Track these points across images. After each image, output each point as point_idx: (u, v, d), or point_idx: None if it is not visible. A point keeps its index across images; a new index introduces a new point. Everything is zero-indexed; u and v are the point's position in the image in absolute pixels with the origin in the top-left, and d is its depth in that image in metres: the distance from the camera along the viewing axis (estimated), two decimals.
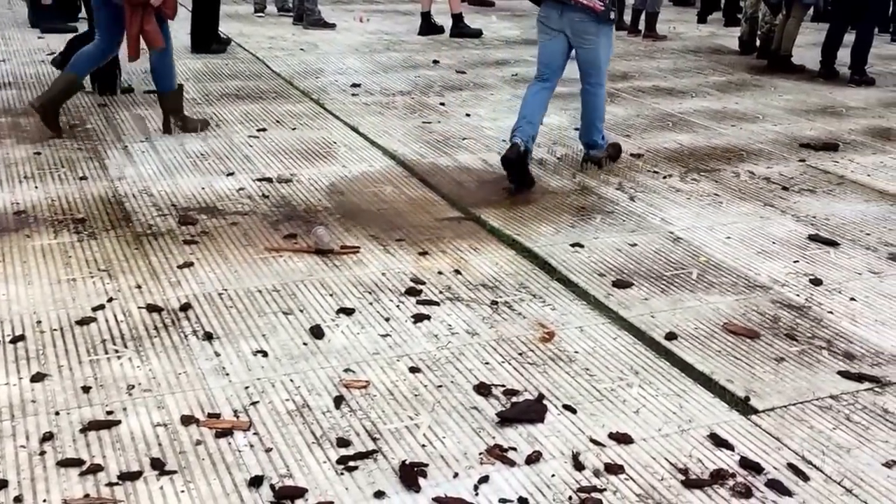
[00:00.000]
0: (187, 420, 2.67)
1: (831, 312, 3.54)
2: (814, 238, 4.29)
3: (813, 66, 8.28)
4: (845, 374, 3.07)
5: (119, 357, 3.02)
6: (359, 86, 7.14)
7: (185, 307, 3.37)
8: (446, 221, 4.35)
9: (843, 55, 8.00)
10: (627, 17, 10.21)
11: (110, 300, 3.41)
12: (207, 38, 8.11)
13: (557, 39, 4.84)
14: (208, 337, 3.17)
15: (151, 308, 3.35)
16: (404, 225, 4.28)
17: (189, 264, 3.74)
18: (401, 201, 4.61)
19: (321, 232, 4.02)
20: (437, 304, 3.47)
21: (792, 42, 8.34)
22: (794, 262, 4.02)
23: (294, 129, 5.89)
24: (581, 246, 4.09)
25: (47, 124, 5.34)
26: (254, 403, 2.79)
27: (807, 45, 9.06)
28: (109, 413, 2.70)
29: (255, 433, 2.64)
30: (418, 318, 3.35)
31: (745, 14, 9.19)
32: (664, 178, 5.16)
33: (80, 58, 5.38)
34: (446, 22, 9.61)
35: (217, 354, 3.06)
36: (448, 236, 4.16)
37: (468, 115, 6.40)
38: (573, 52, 4.88)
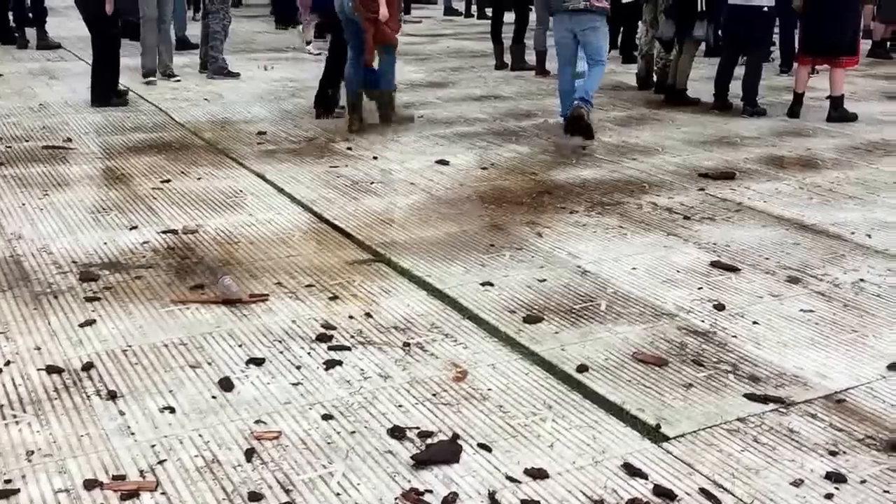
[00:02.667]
0: (90, 484, 2.56)
1: (735, 336, 3.61)
2: (716, 265, 4.38)
3: (707, 98, 8.53)
4: (751, 397, 3.12)
5: (17, 423, 2.88)
6: (265, 133, 7.09)
7: (88, 366, 3.25)
8: (356, 265, 4.31)
9: (735, 87, 8.27)
10: (531, 58, 10.39)
11: (7, 364, 3.27)
12: (107, 92, 7.96)
13: (570, 37, 7.03)
14: (112, 396, 3.05)
15: (51, 369, 3.22)
16: (314, 270, 4.23)
17: (91, 322, 3.62)
18: (310, 247, 4.57)
19: (228, 281, 3.95)
20: (348, 349, 3.43)
21: (686, 77, 8.58)
22: (699, 288, 4.10)
23: (199, 179, 5.80)
24: (491, 284, 4.10)
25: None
26: (161, 462, 2.69)
27: (701, 78, 9.34)
28: (8, 482, 2.57)
29: (162, 493, 2.54)
30: (330, 364, 3.30)
31: (641, 51, 9.45)
32: (570, 213, 5.23)
33: (358, 75, 7.09)
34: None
35: (121, 413, 2.95)
36: (358, 280, 4.12)
37: (376, 157, 6.40)
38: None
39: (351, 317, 3.72)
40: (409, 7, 13.91)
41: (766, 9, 7.87)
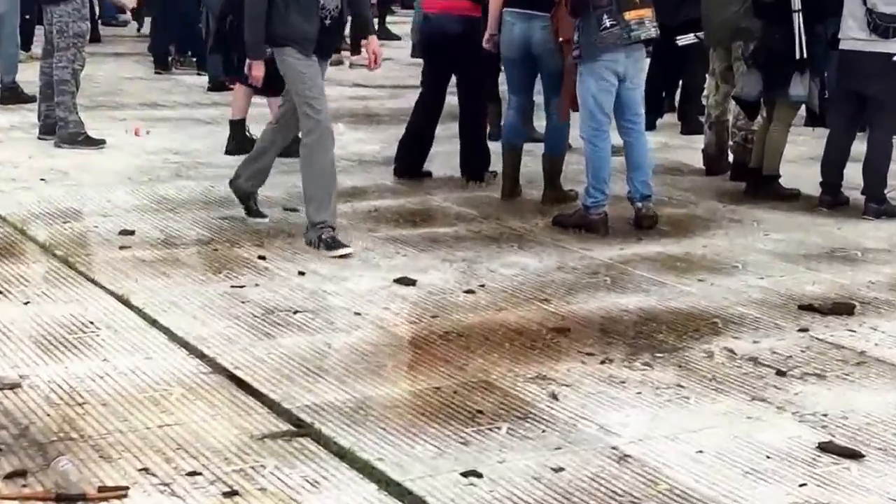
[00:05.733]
0: None
1: None
2: (827, 448, 4.38)
3: (810, 190, 8.67)
4: None
5: None
6: (132, 233, 7.12)
7: None
8: (268, 441, 4.28)
9: (853, 173, 8.40)
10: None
11: None
12: None
13: (614, 84, 7.51)
14: None
15: None
16: (201, 449, 4.19)
17: None
18: (196, 412, 4.54)
19: (67, 467, 3.90)
20: None
21: (779, 156, 8.73)
22: (801, 485, 4.08)
23: (27, 302, 5.79)
24: (478, 475, 4.06)
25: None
26: None
27: (800, 159, 9.50)
28: None
29: None
30: None
31: (710, 117, 9.62)
32: (601, 363, 5.22)
33: (522, 131, 8.51)
34: None
35: None
36: (271, 465, 4.09)
37: (302, 273, 6.44)
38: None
39: None
40: (356, 45, 14.01)
41: None
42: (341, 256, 6.68)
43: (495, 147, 8.80)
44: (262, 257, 6.72)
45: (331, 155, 6.91)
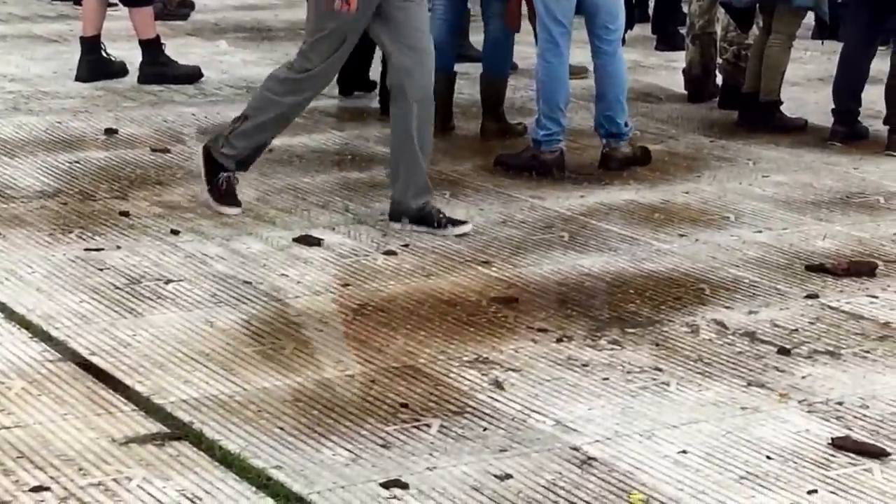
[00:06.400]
0: None
1: None
2: (842, 445, 4.40)
3: (820, 119, 8.74)
4: None
5: None
6: None
7: None
8: (135, 446, 4.27)
9: (873, 98, 8.48)
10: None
11: None
12: None
13: None
14: None
15: None
16: (49, 457, 4.17)
17: None
18: (43, 411, 4.51)
19: None
20: None
21: (780, 77, 8.77)
22: (810, 492, 4.10)
23: None
24: (403, 486, 4.06)
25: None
26: None
27: (806, 81, 9.56)
28: None
29: None
30: None
31: (693, 28, 9.62)
32: (557, 341, 5.24)
33: (453, 48, 8.35)
34: (133, 55, 9.69)
35: None
36: (139, 476, 4.07)
37: (176, 231, 6.42)
38: None
39: None
40: None
41: None
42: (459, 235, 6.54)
43: None
44: (124, 213, 6.68)
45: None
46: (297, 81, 6.60)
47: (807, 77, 9.67)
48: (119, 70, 9.64)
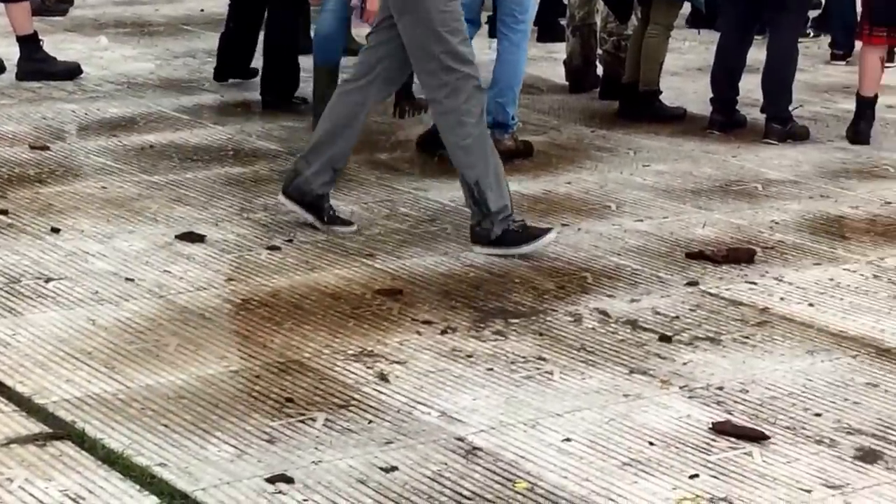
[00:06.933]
0: None
1: None
2: (722, 430, 4.45)
3: (699, 109, 8.81)
4: None
5: None
6: None
7: None
8: (15, 447, 4.22)
9: (751, 87, 8.57)
10: None
11: None
12: None
13: None
14: None
15: None
16: None
17: None
18: None
19: None
20: None
21: (658, 67, 8.83)
22: (692, 476, 4.14)
23: None
24: (289, 480, 4.06)
25: None
26: None
27: (686, 70, 9.63)
28: None
29: None
30: None
31: (573, 20, 9.66)
32: (442, 333, 5.26)
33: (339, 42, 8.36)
34: (11, 52, 9.60)
35: None
36: (20, 477, 4.03)
37: (56, 229, 6.35)
38: None
39: None
40: None
41: None
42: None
43: (307, 63, 8.77)
44: (3, 211, 6.61)
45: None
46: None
47: (685, 67, 9.75)
48: None
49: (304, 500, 3.96)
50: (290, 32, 8.99)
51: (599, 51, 9.47)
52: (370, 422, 4.48)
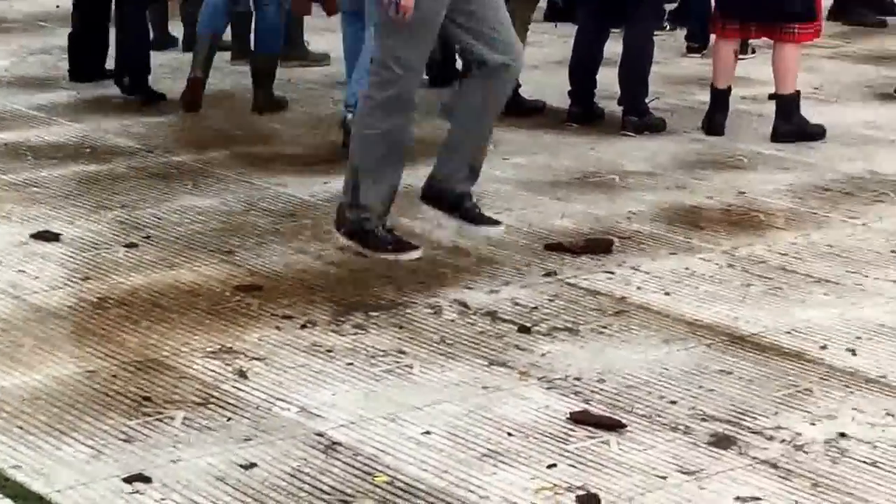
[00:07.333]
0: None
1: None
2: (580, 419, 4.47)
3: (556, 101, 8.87)
4: None
5: None
6: None
7: None
8: None
9: (608, 80, 8.64)
10: None
11: None
12: None
13: None
14: None
15: None
16: None
17: None
18: None
19: None
20: None
21: None
22: (549, 466, 4.18)
23: None
24: (146, 480, 4.03)
25: None
26: None
27: (543, 63, 9.67)
28: None
29: None
30: None
31: None
32: (301, 327, 5.26)
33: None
34: None
35: None
36: None
37: None
38: None
39: None
40: None
41: None
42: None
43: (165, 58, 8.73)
44: None
45: None
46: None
47: (545, 60, 9.79)
48: None
49: (163, 499, 3.94)
50: (139, 28, 9.04)
51: (458, 47, 9.46)
52: (229, 419, 4.47)
